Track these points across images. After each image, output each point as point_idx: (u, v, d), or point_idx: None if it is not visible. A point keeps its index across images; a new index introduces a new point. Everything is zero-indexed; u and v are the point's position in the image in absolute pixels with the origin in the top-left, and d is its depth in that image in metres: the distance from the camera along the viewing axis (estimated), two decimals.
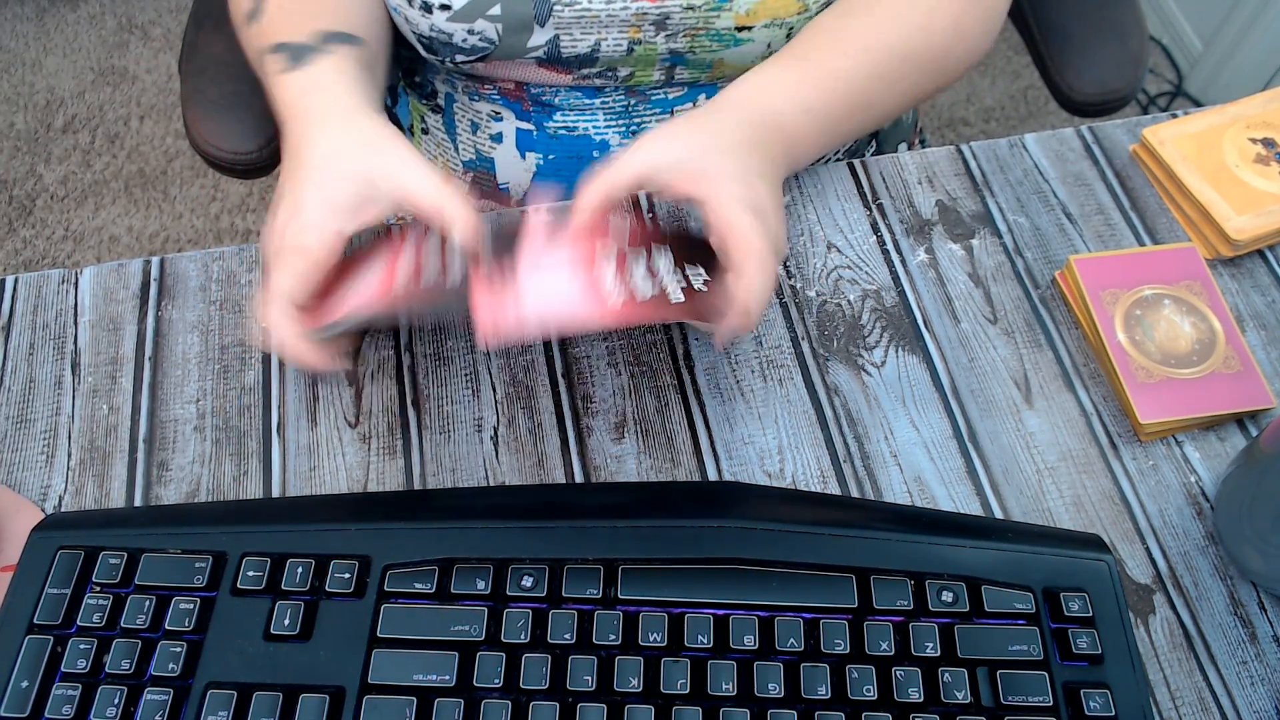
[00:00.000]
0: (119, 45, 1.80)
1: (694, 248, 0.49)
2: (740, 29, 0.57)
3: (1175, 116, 0.59)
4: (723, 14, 0.56)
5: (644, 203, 0.58)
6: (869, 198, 0.58)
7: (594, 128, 0.63)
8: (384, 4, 0.59)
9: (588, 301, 0.43)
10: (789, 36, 0.58)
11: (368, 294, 0.46)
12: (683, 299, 0.45)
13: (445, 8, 0.55)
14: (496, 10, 0.55)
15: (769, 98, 0.51)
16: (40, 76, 1.76)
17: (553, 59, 0.59)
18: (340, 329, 0.47)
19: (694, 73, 0.61)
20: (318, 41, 0.51)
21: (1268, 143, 0.57)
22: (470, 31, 0.56)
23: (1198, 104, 1.65)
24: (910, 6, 0.54)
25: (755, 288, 0.43)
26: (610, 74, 0.60)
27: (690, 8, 0.55)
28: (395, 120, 0.73)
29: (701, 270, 0.47)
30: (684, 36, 0.57)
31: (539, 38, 0.57)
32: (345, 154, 0.46)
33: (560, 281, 0.44)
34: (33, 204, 1.61)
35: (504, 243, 0.46)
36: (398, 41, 0.62)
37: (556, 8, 0.55)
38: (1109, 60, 0.72)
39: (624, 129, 0.64)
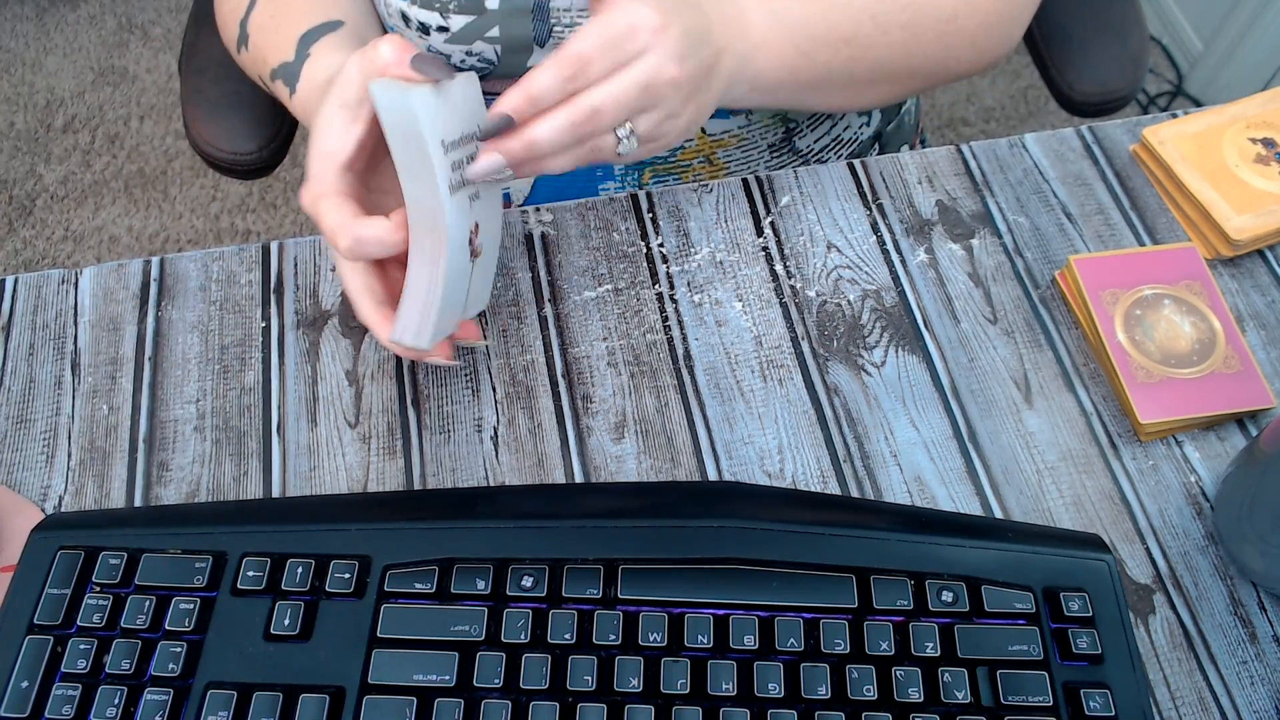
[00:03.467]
0: (119, 45, 1.80)
1: None
2: None
3: (1175, 116, 0.59)
4: None
5: None
6: (869, 198, 0.58)
7: None
8: None
9: None
10: None
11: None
12: None
13: (443, 29, 0.55)
14: (495, 33, 0.55)
15: None
16: (40, 76, 1.76)
17: None
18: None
19: None
20: (299, 52, 0.51)
21: (1268, 143, 0.57)
22: (469, 53, 0.56)
23: (1198, 104, 1.65)
24: None
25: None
26: None
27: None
28: None
29: None
30: None
31: (539, 58, 0.57)
32: (326, 106, 0.44)
33: None
34: (33, 204, 1.61)
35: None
36: None
37: (556, 29, 0.55)
38: (1109, 60, 0.72)
39: None
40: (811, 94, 0.51)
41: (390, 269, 0.47)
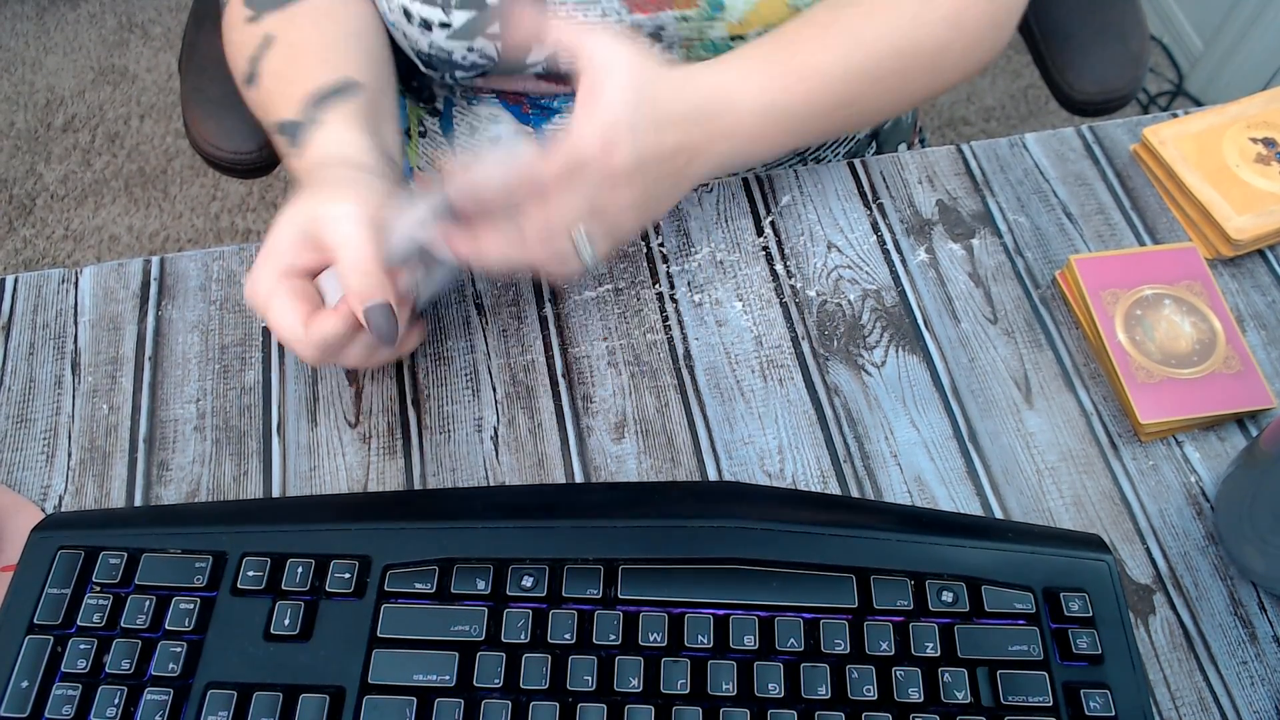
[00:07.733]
0: (119, 44, 1.80)
1: None
2: (734, 38, 0.57)
3: (1176, 116, 0.59)
4: (716, 24, 0.56)
5: None
6: (869, 197, 0.58)
7: None
8: (380, 37, 0.58)
9: None
10: None
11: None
12: None
13: (445, 25, 0.55)
14: (496, 28, 0.55)
15: (729, 93, 0.48)
16: (40, 76, 1.76)
17: (551, 72, 0.59)
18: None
19: None
20: (308, 112, 0.51)
21: (1268, 142, 0.57)
22: (470, 49, 0.56)
23: (1198, 104, 1.65)
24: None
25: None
26: None
27: (684, 19, 0.55)
28: None
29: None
30: (680, 47, 0.57)
31: (538, 53, 0.57)
32: (301, 209, 0.46)
33: None
34: (33, 203, 1.61)
35: None
36: (395, 49, 0.61)
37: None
38: (1109, 60, 0.72)
39: None
40: (804, 144, 0.53)
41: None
